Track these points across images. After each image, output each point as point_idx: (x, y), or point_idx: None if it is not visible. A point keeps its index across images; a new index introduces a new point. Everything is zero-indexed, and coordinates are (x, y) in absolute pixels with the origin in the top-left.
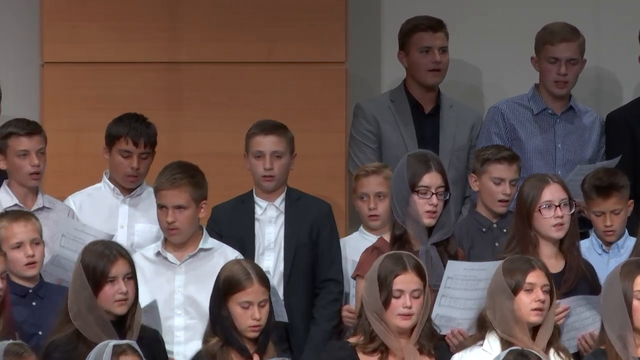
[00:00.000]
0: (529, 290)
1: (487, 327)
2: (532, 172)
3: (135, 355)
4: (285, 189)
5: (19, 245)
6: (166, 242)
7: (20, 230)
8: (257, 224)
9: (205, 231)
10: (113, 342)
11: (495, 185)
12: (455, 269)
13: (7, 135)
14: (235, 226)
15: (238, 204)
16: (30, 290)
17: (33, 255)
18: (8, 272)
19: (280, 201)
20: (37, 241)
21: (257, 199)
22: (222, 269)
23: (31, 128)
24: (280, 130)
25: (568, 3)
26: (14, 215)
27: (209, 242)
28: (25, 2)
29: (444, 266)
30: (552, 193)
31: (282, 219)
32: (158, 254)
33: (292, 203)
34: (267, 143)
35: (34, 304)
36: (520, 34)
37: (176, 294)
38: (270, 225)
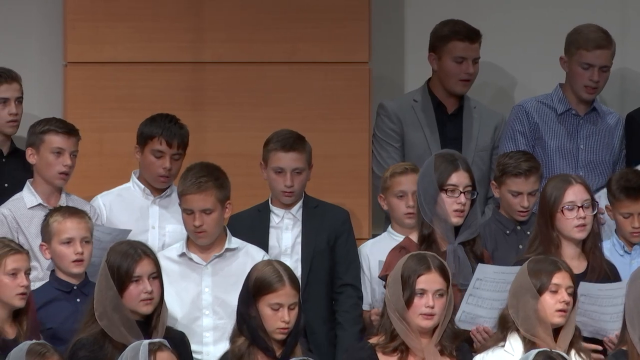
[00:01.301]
0: (554, 292)
1: (508, 327)
2: (554, 172)
3: (169, 351)
4: (303, 196)
5: (69, 241)
6: (190, 243)
7: (72, 227)
8: (273, 231)
9: (228, 231)
10: (147, 340)
11: (513, 197)
12: (485, 271)
13: (44, 131)
14: (251, 234)
15: (254, 213)
16: (75, 287)
17: (82, 253)
18: (55, 268)
19: (297, 209)
20: (88, 240)
21: (273, 208)
22: (253, 269)
23: (70, 128)
24: (300, 146)
25: (594, 3)
26: (68, 210)
27: (234, 241)
28: (49, 3)
29: (471, 266)
30: (574, 194)
31: (299, 225)
32: (182, 255)
33: (309, 211)
34: (289, 160)
35: (77, 300)
36: (546, 34)
37: (204, 295)
38: (287, 231)
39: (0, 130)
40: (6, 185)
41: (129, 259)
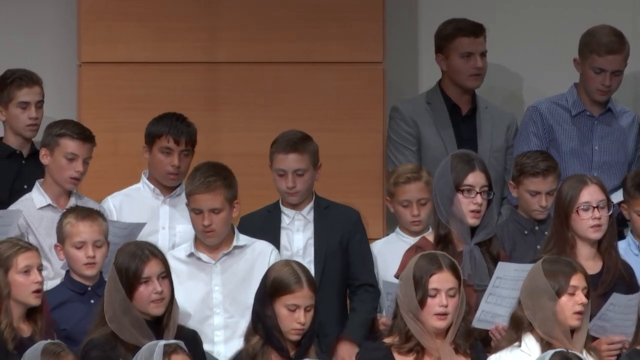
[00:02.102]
0: (572, 294)
1: (523, 327)
2: (568, 174)
3: (184, 354)
4: (313, 197)
5: (81, 245)
6: (198, 243)
7: (85, 230)
8: (284, 233)
9: (236, 229)
10: (163, 341)
11: (531, 197)
12: (505, 269)
13: (60, 134)
14: (261, 235)
15: (265, 214)
16: (89, 288)
17: (93, 257)
18: (69, 269)
19: (308, 210)
20: (100, 243)
21: (283, 209)
22: (270, 269)
23: (87, 135)
24: (302, 147)
25: (607, 4)
26: (81, 213)
27: (242, 239)
28: (63, 3)
29: (487, 266)
30: (590, 194)
31: (310, 227)
32: (191, 254)
33: (320, 211)
34: (289, 162)
35: (92, 301)
36: (558, 35)
37: (214, 293)
38: (298, 233)
39: (20, 134)
40: (25, 187)
41: (136, 260)
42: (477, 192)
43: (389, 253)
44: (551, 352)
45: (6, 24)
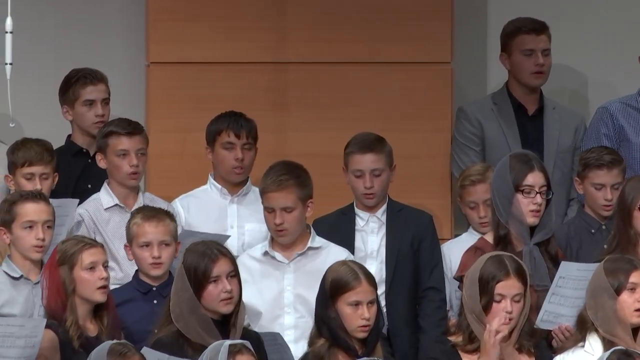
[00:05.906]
0: (632, 290)
1: (587, 327)
2: None
3: (250, 354)
4: (387, 200)
5: (147, 244)
6: (273, 242)
7: (150, 230)
8: (358, 235)
9: (312, 230)
10: (228, 341)
11: (597, 191)
12: (568, 269)
13: (107, 134)
14: (336, 237)
15: (339, 216)
16: (154, 289)
17: (159, 257)
18: (137, 269)
19: (382, 213)
20: (167, 242)
21: (358, 211)
22: (328, 271)
23: (132, 128)
24: (378, 147)
25: None
26: (148, 213)
27: (317, 240)
28: (131, 3)
29: (547, 266)
30: None
31: (384, 229)
32: (265, 253)
33: (394, 214)
34: (366, 162)
35: (155, 302)
36: (625, 35)
37: (286, 293)
38: (372, 235)
39: (88, 132)
40: (89, 186)
41: (206, 259)
42: (537, 192)
43: (462, 252)
44: (610, 350)
45: (75, 24)
